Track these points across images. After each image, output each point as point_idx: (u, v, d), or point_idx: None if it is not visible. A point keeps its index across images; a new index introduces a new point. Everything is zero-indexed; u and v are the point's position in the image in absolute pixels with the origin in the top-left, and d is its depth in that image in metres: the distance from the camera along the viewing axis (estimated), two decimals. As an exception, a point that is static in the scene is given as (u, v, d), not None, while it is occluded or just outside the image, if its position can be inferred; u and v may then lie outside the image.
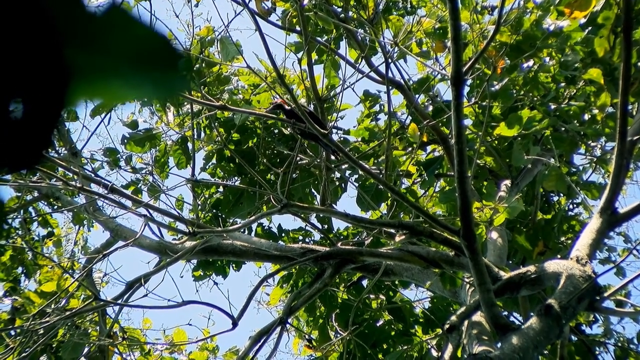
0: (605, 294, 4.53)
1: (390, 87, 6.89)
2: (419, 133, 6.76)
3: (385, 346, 8.24)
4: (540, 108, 7.35)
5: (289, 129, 7.89)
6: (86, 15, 0.82)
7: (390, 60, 6.65)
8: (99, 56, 0.83)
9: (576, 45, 7.36)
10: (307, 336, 8.71)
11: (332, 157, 7.26)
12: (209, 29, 8.52)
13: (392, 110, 7.06)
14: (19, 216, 9.56)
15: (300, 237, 9.04)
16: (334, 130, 8.69)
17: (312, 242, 8.97)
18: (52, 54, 0.79)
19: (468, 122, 7.94)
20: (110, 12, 0.82)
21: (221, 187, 8.93)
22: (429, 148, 8.73)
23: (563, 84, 7.66)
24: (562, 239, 8.31)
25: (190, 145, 8.60)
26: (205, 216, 8.84)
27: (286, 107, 6.39)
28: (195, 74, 8.34)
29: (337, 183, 8.89)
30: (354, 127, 8.86)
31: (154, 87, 0.86)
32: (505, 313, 7.84)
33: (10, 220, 9.37)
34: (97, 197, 6.94)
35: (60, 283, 8.38)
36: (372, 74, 7.49)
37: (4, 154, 0.82)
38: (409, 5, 8.70)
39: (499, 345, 4.24)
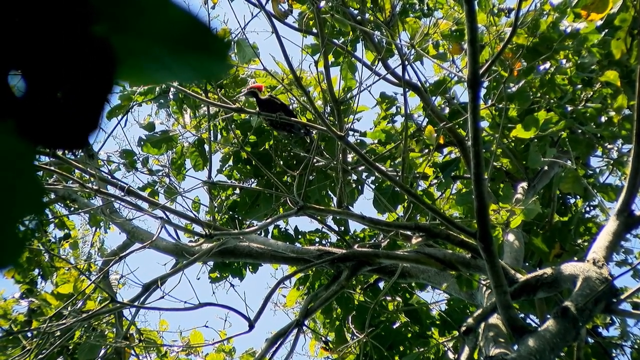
0: (622, 296, 4.53)
1: (407, 89, 6.88)
2: (435, 135, 6.73)
3: (401, 348, 8.22)
4: (557, 110, 7.33)
5: (259, 119, 7.85)
6: None
7: (406, 63, 6.64)
8: (135, 39, 0.83)
9: (593, 48, 7.35)
10: (323, 338, 8.71)
11: (305, 136, 7.17)
12: (226, 31, 8.52)
13: (408, 112, 7.05)
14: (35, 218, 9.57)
15: (317, 239, 9.03)
16: (351, 133, 8.69)
17: (328, 244, 8.94)
18: (97, 38, 0.80)
19: (484, 124, 7.92)
20: None
21: (238, 189, 8.94)
22: (446, 150, 8.73)
23: (580, 86, 7.64)
24: (579, 241, 8.28)
25: (207, 147, 8.62)
26: (221, 218, 8.84)
27: (260, 96, 6.34)
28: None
29: (354, 185, 8.88)
30: (371, 129, 8.85)
31: (191, 70, 0.87)
32: (522, 315, 7.82)
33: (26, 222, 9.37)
34: (113, 199, 6.97)
35: (76, 285, 8.39)
36: (389, 76, 7.48)
37: (57, 135, 0.83)
38: (425, 8, 8.70)
39: (515, 347, 4.24)
